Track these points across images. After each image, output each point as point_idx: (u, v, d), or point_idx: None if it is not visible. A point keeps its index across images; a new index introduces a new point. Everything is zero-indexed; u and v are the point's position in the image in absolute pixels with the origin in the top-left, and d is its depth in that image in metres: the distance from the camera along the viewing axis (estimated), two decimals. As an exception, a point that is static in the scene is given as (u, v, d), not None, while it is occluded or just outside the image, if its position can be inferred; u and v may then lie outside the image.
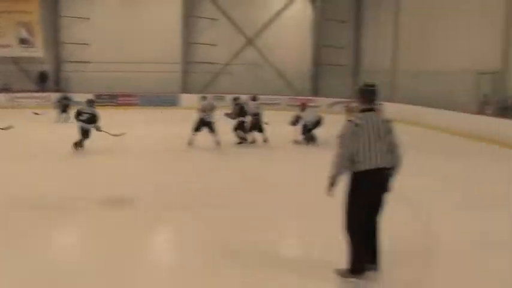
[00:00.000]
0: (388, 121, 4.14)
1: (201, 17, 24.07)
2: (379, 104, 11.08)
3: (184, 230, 5.70)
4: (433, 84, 17.61)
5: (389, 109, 13.83)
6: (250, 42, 24.86)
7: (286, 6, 25.05)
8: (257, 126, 12.13)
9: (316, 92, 24.89)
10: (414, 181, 7.45)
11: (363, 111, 4.09)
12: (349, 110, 12.08)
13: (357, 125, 4.01)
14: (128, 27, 22.94)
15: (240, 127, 11.96)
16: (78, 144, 10.35)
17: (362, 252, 4.13)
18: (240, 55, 24.93)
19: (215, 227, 5.69)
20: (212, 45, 24.18)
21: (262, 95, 21.26)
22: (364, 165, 3.98)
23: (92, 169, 9.16)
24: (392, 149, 4.07)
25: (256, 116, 12.06)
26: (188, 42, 24.08)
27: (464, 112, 15.35)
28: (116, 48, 22.59)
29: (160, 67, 22.34)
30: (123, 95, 22.31)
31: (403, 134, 9.67)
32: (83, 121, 10.32)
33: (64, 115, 15.97)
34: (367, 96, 4.09)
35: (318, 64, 25.46)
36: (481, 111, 15.25)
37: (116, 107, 21.34)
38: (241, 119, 11.96)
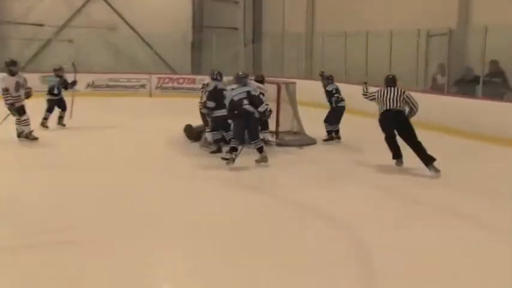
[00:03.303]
0: None
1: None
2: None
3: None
4: (361, 51, 17.69)
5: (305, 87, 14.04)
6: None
7: None
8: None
9: (198, 67, 24.07)
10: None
11: None
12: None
13: None
14: None
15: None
16: None
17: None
18: (85, 13, 23.09)
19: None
20: (40, -3, 21.66)
21: (120, 73, 22.41)
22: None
23: None
24: None
25: None
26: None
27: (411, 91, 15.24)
28: None
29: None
30: None
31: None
32: None
33: None
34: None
35: (201, 27, 24.69)
36: (434, 89, 15.30)
37: None
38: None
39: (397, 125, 9.11)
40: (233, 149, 9.71)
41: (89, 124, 13.60)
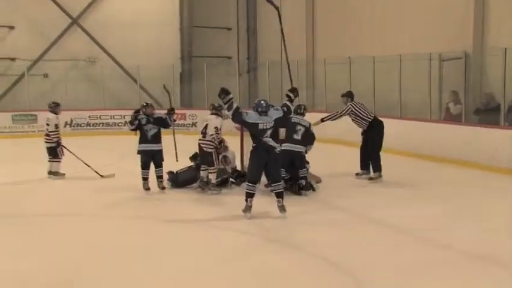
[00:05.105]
0: None
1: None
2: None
3: None
4: (368, 78, 17.41)
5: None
6: (75, 23, 22.98)
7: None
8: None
9: (189, 101, 24.13)
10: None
11: None
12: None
13: None
14: None
15: None
16: None
17: None
18: (61, 45, 22.94)
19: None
20: (9, 27, 22.04)
21: (101, 109, 22.55)
22: None
23: None
24: None
25: None
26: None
27: (423, 121, 15.36)
28: None
29: None
30: None
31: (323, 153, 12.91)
32: None
33: None
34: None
35: (191, 57, 24.67)
36: (447, 119, 15.03)
37: None
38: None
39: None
40: (250, 195, 8.58)
41: (76, 169, 12.62)
